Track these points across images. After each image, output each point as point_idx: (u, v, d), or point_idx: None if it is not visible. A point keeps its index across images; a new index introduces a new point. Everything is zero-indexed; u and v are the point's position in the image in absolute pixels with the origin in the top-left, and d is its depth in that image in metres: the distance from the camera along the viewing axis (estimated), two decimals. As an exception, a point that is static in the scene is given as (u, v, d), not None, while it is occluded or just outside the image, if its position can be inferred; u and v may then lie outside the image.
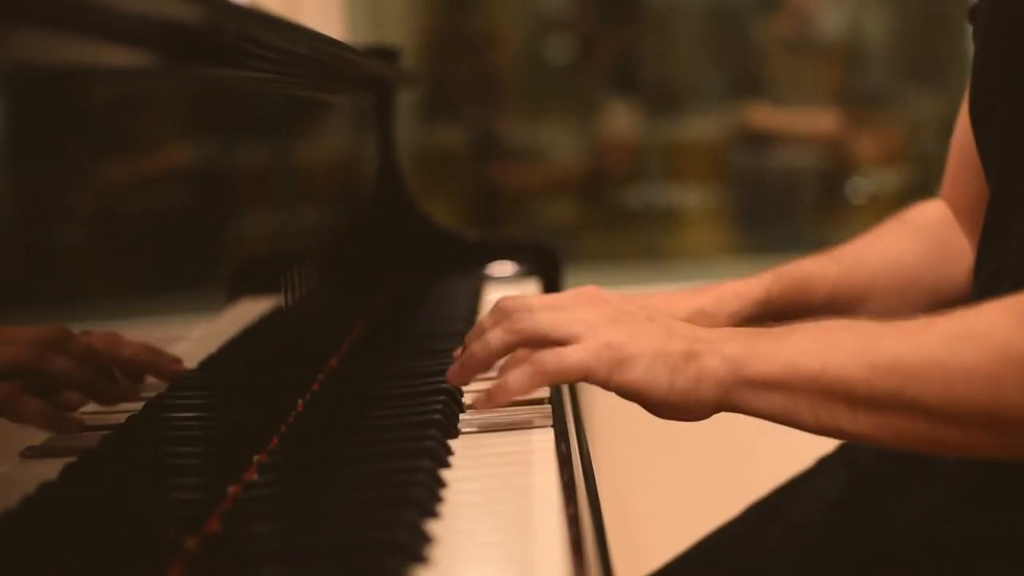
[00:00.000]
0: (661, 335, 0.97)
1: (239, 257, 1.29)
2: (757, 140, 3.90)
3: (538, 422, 1.03)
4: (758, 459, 1.90)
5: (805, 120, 3.94)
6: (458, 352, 1.06)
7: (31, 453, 0.83)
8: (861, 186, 3.84)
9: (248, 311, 1.28)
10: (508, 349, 1.01)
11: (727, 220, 4.03)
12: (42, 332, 0.84)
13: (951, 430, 0.90)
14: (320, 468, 0.93)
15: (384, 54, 1.85)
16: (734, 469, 2.34)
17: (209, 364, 1.12)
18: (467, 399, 1.08)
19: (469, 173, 4.16)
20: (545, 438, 0.99)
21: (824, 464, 1.36)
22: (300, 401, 1.14)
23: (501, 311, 1.03)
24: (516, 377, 0.97)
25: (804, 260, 1.39)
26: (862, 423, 0.92)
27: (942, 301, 1.35)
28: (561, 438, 0.98)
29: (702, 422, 1.00)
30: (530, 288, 1.81)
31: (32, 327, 0.83)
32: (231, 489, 0.88)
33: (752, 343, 0.96)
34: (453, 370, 1.04)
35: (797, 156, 3.90)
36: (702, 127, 4.00)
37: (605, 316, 0.99)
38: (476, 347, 1.02)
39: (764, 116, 3.93)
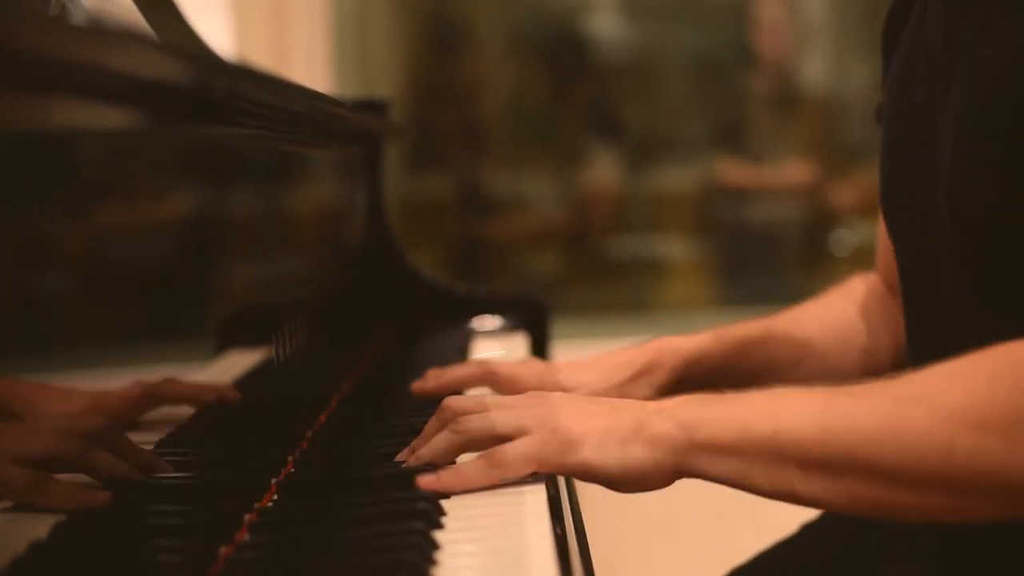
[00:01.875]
0: (607, 413, 0.98)
1: (228, 310, 1.29)
2: (737, 192, 3.93)
3: (529, 480, 1.02)
4: (744, 520, 1.90)
5: (776, 174, 3.96)
6: (403, 455, 1.05)
7: (17, 508, 0.83)
8: (844, 238, 3.86)
9: (236, 364, 1.27)
10: (457, 452, 1.01)
11: (711, 271, 4.04)
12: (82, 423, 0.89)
13: (905, 494, 0.91)
14: (312, 529, 0.92)
15: (373, 107, 1.85)
16: (719, 530, 2.34)
17: (197, 418, 1.12)
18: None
19: (453, 223, 4.16)
20: (538, 496, 0.98)
21: (807, 531, 1.37)
22: (289, 459, 1.13)
23: (448, 412, 1.03)
24: (470, 471, 0.98)
25: (745, 323, 1.43)
26: (816, 487, 0.92)
27: (883, 362, 1.39)
28: (554, 502, 0.97)
29: (686, 483, 1.00)
30: (518, 342, 1.80)
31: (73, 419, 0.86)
32: (223, 550, 0.87)
33: (705, 408, 0.97)
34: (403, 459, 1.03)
35: (780, 208, 3.92)
36: (684, 178, 4.02)
37: (549, 407, 0.99)
38: (424, 452, 1.01)
39: (734, 172, 3.95)
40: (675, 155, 4.12)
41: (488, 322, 1.87)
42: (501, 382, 1.36)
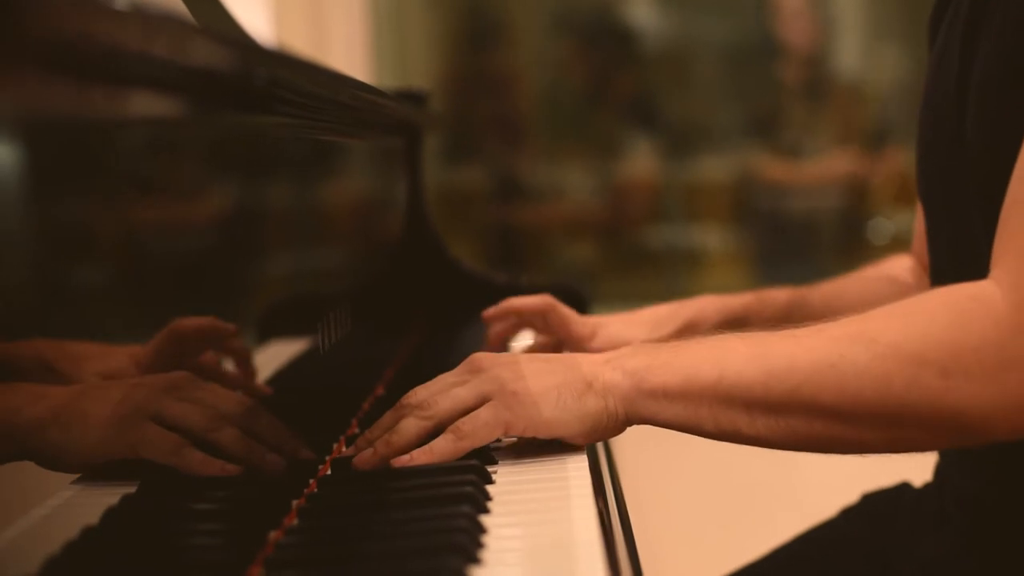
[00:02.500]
0: (560, 370, 1.02)
1: (269, 300, 1.30)
2: (776, 183, 3.92)
3: (571, 454, 1.04)
4: (782, 504, 1.92)
5: (815, 168, 3.95)
6: (363, 447, 1.06)
7: (79, 483, 0.85)
8: (882, 226, 3.85)
9: (278, 353, 1.28)
10: (425, 435, 1.02)
11: (747, 261, 4.03)
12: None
13: (845, 428, 0.95)
14: (360, 514, 0.93)
15: (413, 98, 1.86)
16: (757, 514, 2.34)
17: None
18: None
19: (489, 213, 4.17)
20: (581, 476, 0.99)
21: (846, 514, 1.39)
22: (335, 445, 1.14)
23: (407, 406, 1.05)
24: (440, 445, 1.01)
25: (784, 288, 1.49)
26: (760, 426, 0.97)
27: None
28: (597, 484, 0.98)
29: (728, 468, 1.03)
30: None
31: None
32: (272, 535, 0.88)
33: (652, 356, 1.01)
34: (364, 455, 1.04)
35: (817, 197, 3.91)
36: (720, 168, 4.02)
37: (504, 370, 1.02)
38: (394, 438, 1.02)
39: (774, 168, 3.95)
40: (711, 145, 4.12)
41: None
42: (556, 317, 1.44)
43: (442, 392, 1.04)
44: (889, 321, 0.95)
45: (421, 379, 1.47)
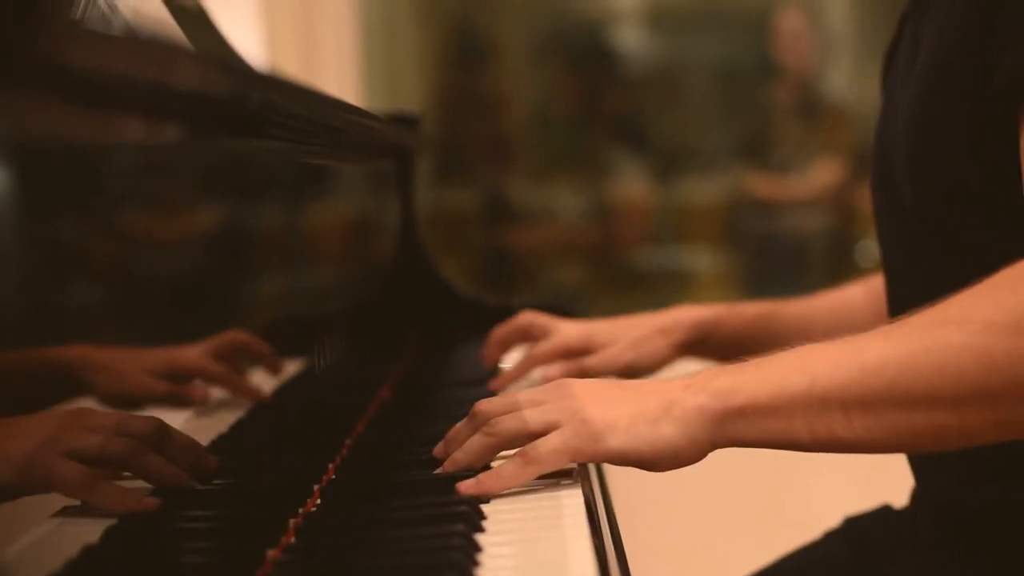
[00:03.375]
0: (635, 397, 1.00)
1: (262, 321, 1.31)
2: (764, 204, 3.94)
3: (565, 481, 1.05)
4: (768, 527, 1.93)
5: (803, 184, 3.97)
6: (438, 455, 1.07)
7: (71, 513, 0.85)
8: (869, 249, 3.87)
9: (272, 375, 1.29)
10: (492, 454, 1.03)
11: (737, 282, 4.05)
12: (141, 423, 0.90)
13: (948, 415, 0.93)
14: (356, 532, 0.95)
15: (405, 121, 1.88)
16: (742, 535, 2.36)
17: (238, 428, 1.14)
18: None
19: (480, 235, 4.19)
20: (575, 499, 1.00)
21: (829, 537, 1.41)
22: (330, 465, 1.16)
23: (480, 416, 1.05)
24: (508, 470, 1.00)
25: (759, 301, 1.55)
26: (858, 427, 0.94)
27: None
28: (589, 503, 0.99)
29: (715, 489, 1.04)
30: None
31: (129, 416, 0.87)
32: (270, 553, 0.89)
33: (735, 375, 0.99)
34: (446, 468, 1.05)
35: (806, 219, 3.93)
36: (710, 189, 4.04)
37: (578, 398, 1.01)
38: (460, 456, 1.03)
39: (763, 185, 3.97)
40: (701, 166, 4.14)
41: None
42: (539, 329, 1.55)
43: (513, 412, 1.03)
44: (977, 298, 0.93)
45: (414, 401, 1.49)
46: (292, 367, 1.34)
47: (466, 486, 1.00)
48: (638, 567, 1.01)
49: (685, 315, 1.52)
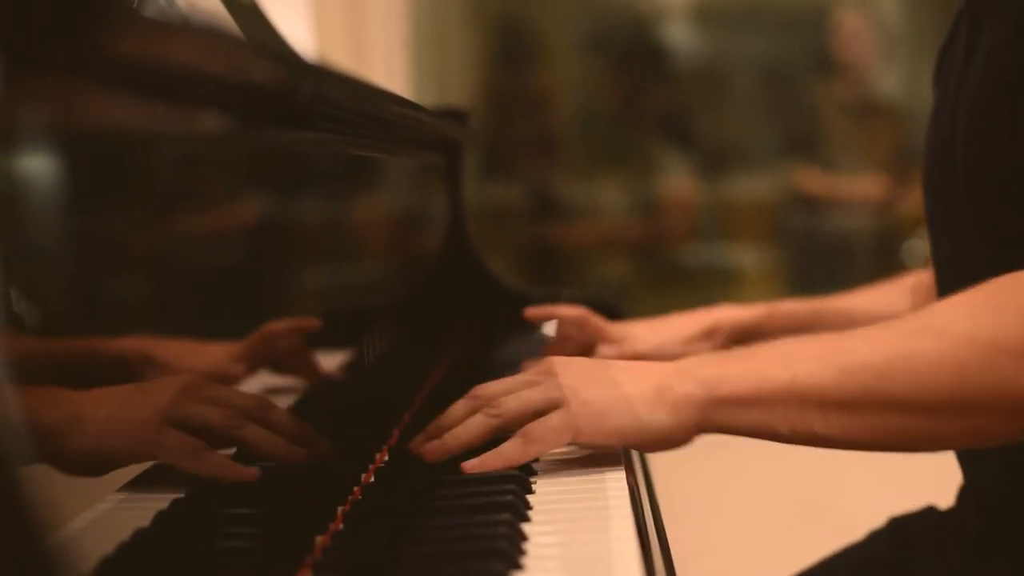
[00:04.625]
0: (632, 379, 1.03)
1: (312, 314, 1.32)
2: (812, 201, 3.92)
3: (609, 468, 1.05)
4: (812, 528, 1.93)
5: (853, 185, 3.95)
6: (432, 437, 1.09)
7: (127, 489, 0.86)
8: (917, 248, 3.85)
9: (321, 365, 1.31)
10: (492, 433, 1.05)
11: (782, 280, 4.04)
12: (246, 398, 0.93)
13: (921, 421, 0.96)
14: (405, 520, 0.96)
15: (455, 116, 1.89)
16: (786, 536, 2.36)
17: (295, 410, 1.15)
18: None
19: (525, 230, 4.19)
20: (619, 488, 1.01)
21: (873, 537, 1.41)
22: (378, 455, 1.17)
23: (479, 398, 1.07)
24: (510, 449, 1.03)
25: (799, 300, 1.57)
26: (834, 425, 0.97)
27: None
28: (635, 497, 1.00)
29: (759, 489, 1.04)
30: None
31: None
32: (319, 540, 0.91)
33: (724, 364, 1.02)
34: (432, 444, 1.07)
35: (852, 218, 3.91)
36: (757, 186, 4.03)
37: (576, 377, 1.04)
38: (460, 431, 1.06)
39: (813, 181, 3.95)
40: (747, 163, 4.13)
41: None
42: (589, 327, 1.55)
43: (513, 392, 1.05)
44: (958, 311, 0.97)
45: (460, 392, 1.50)
46: (341, 359, 1.35)
47: (470, 464, 1.03)
48: (681, 566, 1.02)
49: (728, 318, 1.53)
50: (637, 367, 1.05)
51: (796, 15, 4.22)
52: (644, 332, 1.56)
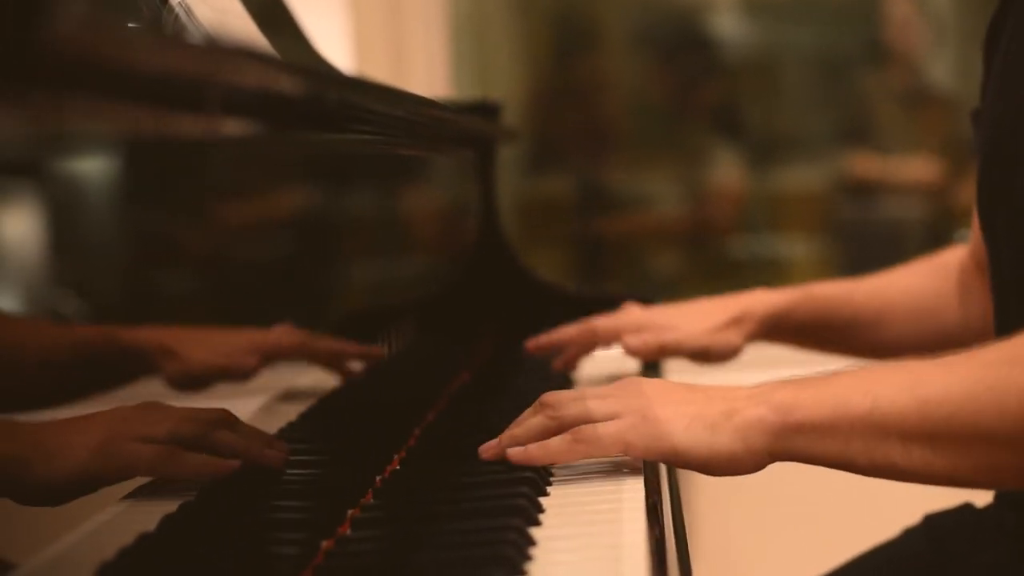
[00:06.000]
0: (699, 401, 0.99)
1: (344, 309, 1.32)
2: (863, 191, 3.88)
3: (629, 475, 1.03)
4: (846, 525, 1.91)
5: (907, 169, 3.91)
6: (502, 438, 1.07)
7: (135, 495, 0.86)
8: (968, 238, 3.80)
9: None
10: (547, 435, 1.03)
11: (833, 271, 4.00)
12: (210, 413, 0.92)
13: (1006, 455, 0.92)
14: (412, 524, 0.94)
15: (485, 109, 1.87)
16: (820, 533, 2.33)
17: (309, 416, 1.15)
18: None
19: (575, 223, 4.17)
20: (636, 494, 0.99)
21: (908, 534, 1.38)
22: (396, 456, 1.15)
23: (545, 403, 1.05)
24: (556, 444, 1.01)
25: (832, 283, 1.54)
26: (916, 458, 0.93)
27: (961, 334, 1.43)
28: (652, 501, 0.98)
29: (791, 487, 1.02)
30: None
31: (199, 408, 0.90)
32: (325, 544, 0.89)
33: (798, 389, 0.97)
34: (488, 446, 1.05)
35: (904, 207, 3.87)
36: (807, 177, 3.99)
37: (644, 396, 1.01)
38: (517, 430, 1.04)
39: (867, 165, 3.91)
40: (798, 154, 4.09)
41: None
42: (603, 337, 1.50)
43: (576, 400, 1.03)
44: None
45: (488, 390, 1.48)
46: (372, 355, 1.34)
47: (515, 452, 1.01)
48: (713, 561, 1.00)
49: (758, 303, 1.50)
50: (709, 389, 1.02)
51: (846, 4, 4.18)
52: (669, 318, 1.52)
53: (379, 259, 1.48)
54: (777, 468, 1.11)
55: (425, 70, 2.60)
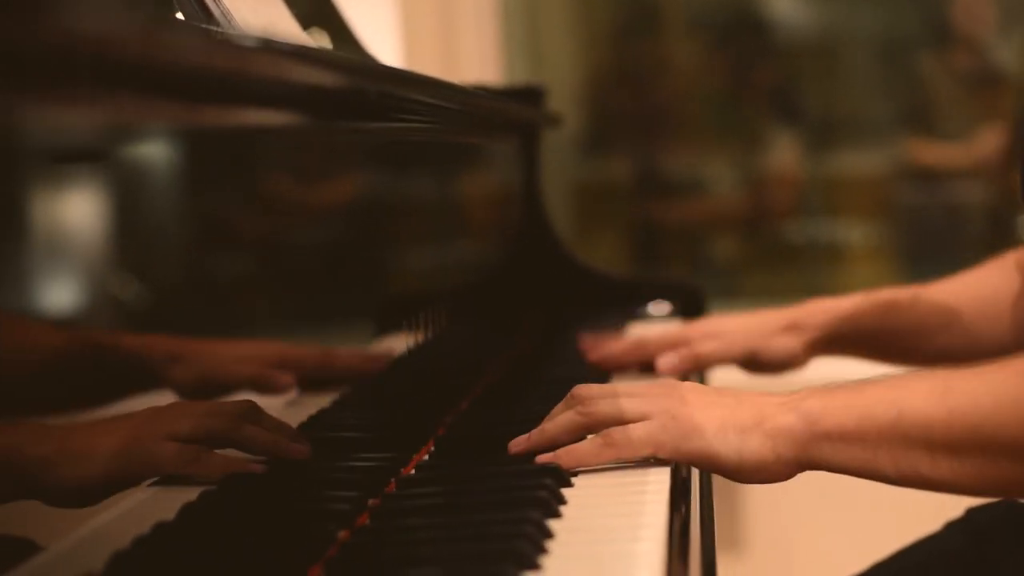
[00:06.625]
0: (730, 405, 0.99)
1: (388, 294, 1.32)
2: (923, 175, 3.83)
3: (655, 465, 1.02)
4: (888, 518, 1.89)
5: (968, 149, 3.85)
6: (532, 434, 1.06)
7: (158, 483, 0.86)
8: (1032, 224, 3.75)
9: (390, 348, 1.30)
10: (578, 431, 1.02)
11: (891, 257, 3.95)
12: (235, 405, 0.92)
13: None
14: (432, 516, 0.94)
15: (529, 94, 1.86)
16: (860, 527, 2.31)
17: (342, 403, 1.14)
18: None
19: (633, 208, 4.15)
20: (661, 486, 0.98)
21: (950, 528, 1.36)
22: (424, 445, 1.15)
23: (576, 398, 1.04)
24: (585, 447, 1.00)
25: (900, 288, 1.50)
26: (943, 468, 0.92)
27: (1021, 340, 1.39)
28: (675, 495, 0.97)
29: (831, 479, 1.00)
30: (674, 328, 1.79)
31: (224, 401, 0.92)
32: (341, 534, 0.89)
33: (827, 398, 0.97)
34: (517, 441, 1.04)
35: (965, 191, 3.82)
36: (866, 161, 3.94)
37: (676, 397, 1.00)
38: (548, 427, 1.03)
39: (926, 150, 3.87)
40: (857, 138, 4.05)
41: (649, 308, 1.86)
42: (654, 353, 1.45)
43: (608, 397, 1.02)
44: None
45: (525, 378, 1.47)
46: (410, 341, 1.33)
47: (544, 457, 1.00)
48: (753, 548, 0.99)
49: (818, 309, 1.46)
50: (740, 394, 1.02)
51: (908, -16, 4.13)
52: (719, 326, 1.49)
53: (425, 245, 1.48)
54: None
55: (476, 53, 2.60)
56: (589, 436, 1.03)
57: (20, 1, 0.52)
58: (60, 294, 0.73)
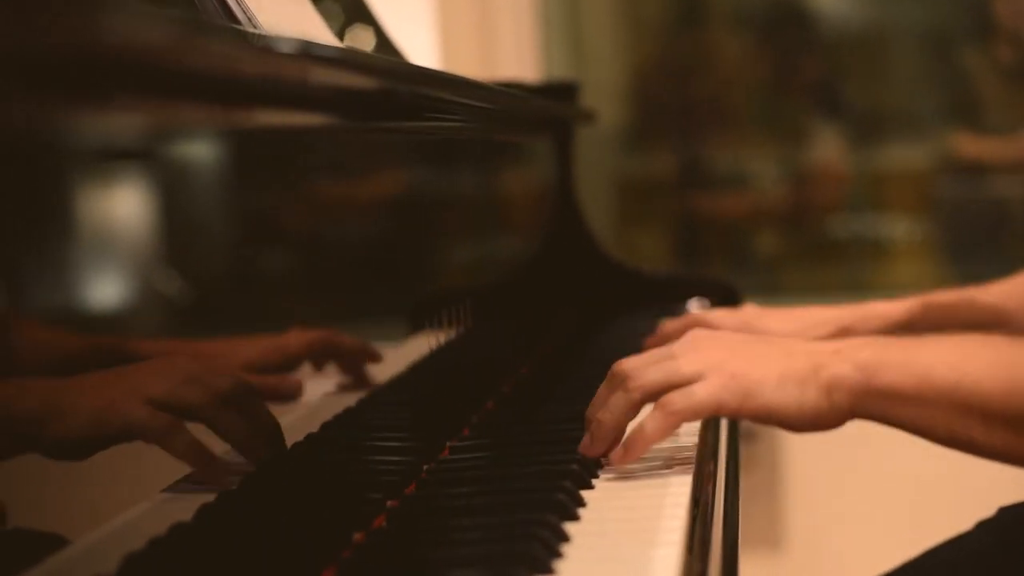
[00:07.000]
0: (781, 356, 0.98)
1: (421, 291, 1.31)
2: (968, 170, 3.79)
3: (677, 469, 1.01)
4: (919, 517, 1.87)
5: (1013, 143, 3.81)
6: (588, 415, 1.04)
7: (172, 489, 0.85)
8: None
9: (422, 346, 1.29)
10: (635, 410, 1.00)
11: (936, 252, 3.92)
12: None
13: None
14: (447, 518, 0.93)
15: (563, 91, 1.85)
16: (892, 526, 2.29)
17: (368, 401, 1.14)
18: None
19: (675, 202, 4.13)
20: (682, 487, 0.97)
21: (982, 527, 1.34)
22: (448, 445, 1.14)
23: (616, 376, 1.02)
24: (650, 424, 0.97)
25: (953, 290, 1.48)
26: (997, 440, 0.92)
27: None
28: (696, 501, 0.96)
29: (863, 477, 0.99)
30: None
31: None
32: (356, 536, 0.88)
33: (884, 351, 0.96)
34: (585, 442, 1.02)
35: (1008, 186, 3.78)
36: (910, 155, 3.91)
37: (722, 350, 0.99)
38: (603, 416, 1.00)
39: (972, 144, 3.83)
40: (901, 132, 4.01)
41: (685, 306, 1.85)
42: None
43: (653, 363, 1.00)
44: None
45: (555, 376, 1.47)
46: (441, 339, 1.33)
47: (617, 456, 0.99)
48: (783, 548, 0.98)
49: (872, 314, 1.45)
50: (789, 343, 1.01)
51: (955, -23, 4.08)
52: (772, 323, 1.47)
53: (459, 242, 1.48)
54: (855, 460, 1.08)
55: (513, 49, 2.59)
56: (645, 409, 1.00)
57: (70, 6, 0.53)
58: (105, 289, 0.74)
